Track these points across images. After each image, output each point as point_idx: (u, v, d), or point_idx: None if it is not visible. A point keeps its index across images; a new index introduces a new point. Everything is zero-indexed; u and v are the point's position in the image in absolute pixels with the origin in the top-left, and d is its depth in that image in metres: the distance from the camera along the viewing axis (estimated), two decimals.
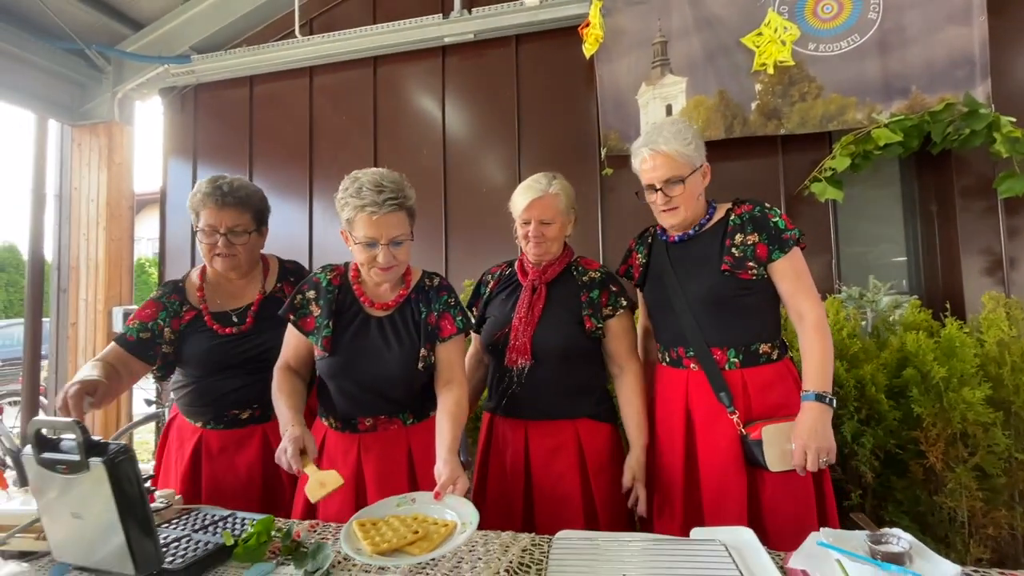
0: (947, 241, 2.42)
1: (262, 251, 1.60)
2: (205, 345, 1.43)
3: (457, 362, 1.35)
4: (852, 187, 2.44)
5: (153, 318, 1.43)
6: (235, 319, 1.47)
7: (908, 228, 2.61)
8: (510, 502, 1.42)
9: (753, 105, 2.45)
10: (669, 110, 2.57)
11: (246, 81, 3.22)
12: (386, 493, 1.20)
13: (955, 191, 2.35)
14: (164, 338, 1.43)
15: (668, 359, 1.44)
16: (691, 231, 1.43)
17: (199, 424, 1.46)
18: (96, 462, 0.85)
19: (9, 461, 3.20)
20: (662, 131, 1.37)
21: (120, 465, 0.86)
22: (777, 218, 1.36)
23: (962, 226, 2.33)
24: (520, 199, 1.46)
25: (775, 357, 1.35)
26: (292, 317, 1.34)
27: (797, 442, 1.19)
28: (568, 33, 2.69)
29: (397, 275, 1.33)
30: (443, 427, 1.23)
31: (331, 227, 3.05)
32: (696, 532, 1.01)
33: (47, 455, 0.88)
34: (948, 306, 1.91)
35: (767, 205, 1.40)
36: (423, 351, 1.30)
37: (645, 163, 1.38)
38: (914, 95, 2.26)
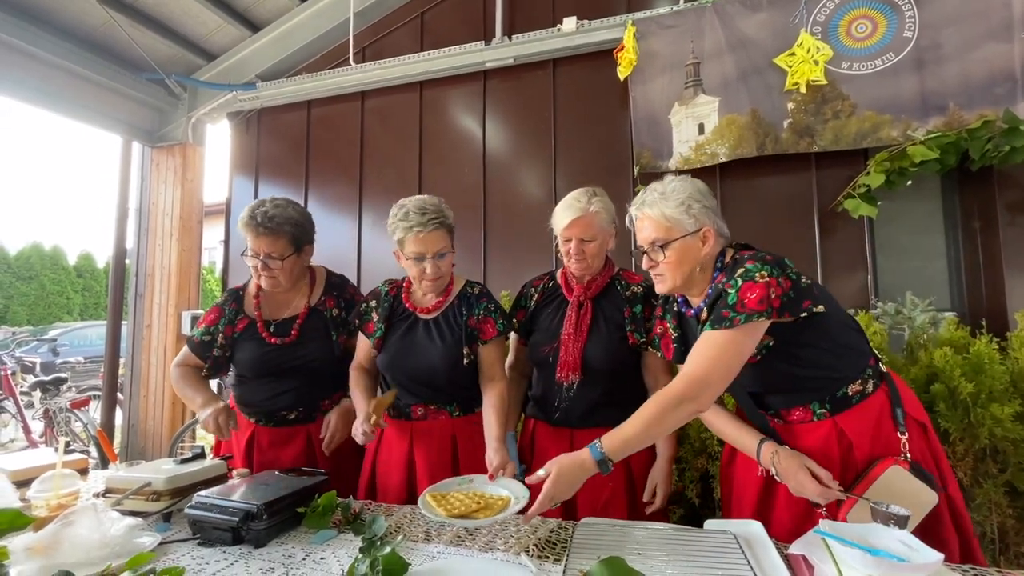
0: (990, 257, 2.39)
1: (311, 263, 1.71)
2: (255, 352, 1.58)
3: (498, 361, 1.52)
4: (893, 202, 2.44)
5: (214, 323, 1.61)
6: (274, 330, 1.60)
7: (950, 243, 2.57)
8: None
9: (785, 123, 2.50)
10: (701, 128, 2.65)
11: (304, 105, 3.51)
12: (433, 476, 1.36)
13: (998, 206, 2.33)
14: (218, 343, 1.60)
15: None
16: (702, 303, 1.21)
17: (252, 420, 1.63)
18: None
19: (92, 446, 3.55)
20: (652, 191, 1.24)
21: None
22: (734, 291, 1.09)
23: (1006, 242, 2.30)
24: (561, 217, 1.46)
25: (870, 390, 1.18)
26: (358, 322, 1.58)
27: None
28: (603, 56, 2.83)
29: (443, 284, 1.52)
30: (490, 420, 1.40)
31: (378, 239, 3.26)
32: (710, 524, 1.09)
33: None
34: (984, 323, 1.90)
35: (736, 273, 1.12)
36: (465, 350, 1.47)
37: (635, 224, 1.28)
38: (951, 112, 2.26)
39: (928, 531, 1.06)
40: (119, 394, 3.83)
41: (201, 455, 1.35)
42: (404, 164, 3.24)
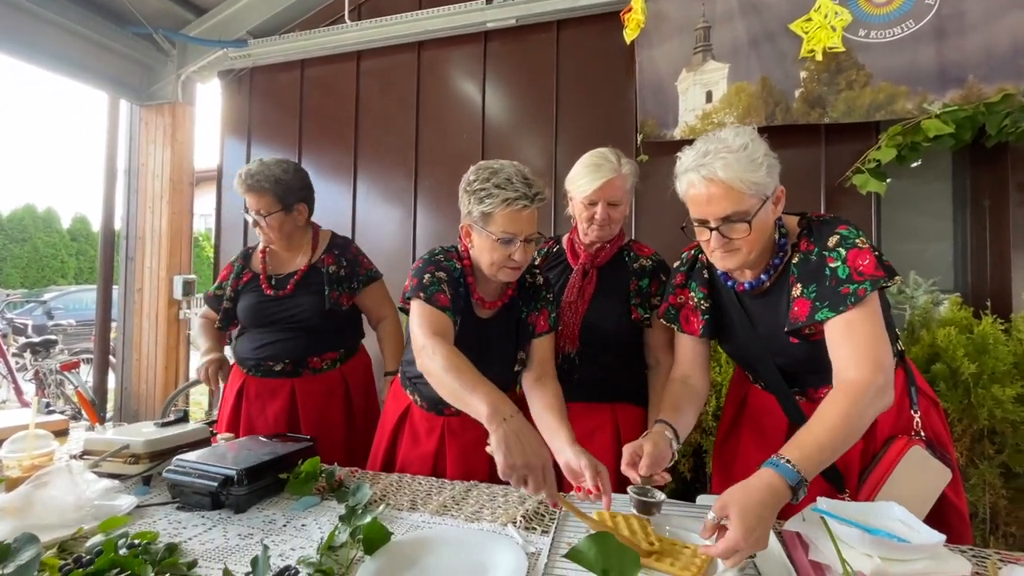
0: (998, 237, 2.33)
1: (319, 227, 1.82)
2: (252, 302, 1.68)
3: (549, 357, 1.30)
4: (901, 179, 2.37)
5: (226, 278, 1.75)
6: (275, 283, 1.70)
7: (957, 223, 2.52)
8: None
9: (797, 92, 2.40)
10: (709, 96, 2.55)
11: (298, 64, 3.37)
12: (465, 472, 1.25)
13: (1010, 186, 2.26)
14: (227, 295, 1.71)
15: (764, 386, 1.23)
16: (763, 276, 1.10)
17: (244, 370, 1.72)
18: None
19: (82, 407, 3.54)
20: (719, 151, 1.00)
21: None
22: (840, 262, 0.99)
23: (1015, 222, 2.25)
24: (587, 179, 1.30)
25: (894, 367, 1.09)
26: (423, 295, 1.17)
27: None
28: (609, 19, 2.70)
29: (520, 274, 1.24)
30: (553, 422, 1.14)
31: (373, 205, 3.19)
32: (702, 499, 1.07)
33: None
34: (989, 303, 1.86)
35: (830, 243, 1.02)
36: (520, 354, 1.29)
37: (695, 191, 1.03)
38: (970, 84, 2.17)
39: (933, 510, 1.03)
40: (112, 357, 3.81)
41: (184, 419, 1.32)
42: (400, 128, 3.14)
